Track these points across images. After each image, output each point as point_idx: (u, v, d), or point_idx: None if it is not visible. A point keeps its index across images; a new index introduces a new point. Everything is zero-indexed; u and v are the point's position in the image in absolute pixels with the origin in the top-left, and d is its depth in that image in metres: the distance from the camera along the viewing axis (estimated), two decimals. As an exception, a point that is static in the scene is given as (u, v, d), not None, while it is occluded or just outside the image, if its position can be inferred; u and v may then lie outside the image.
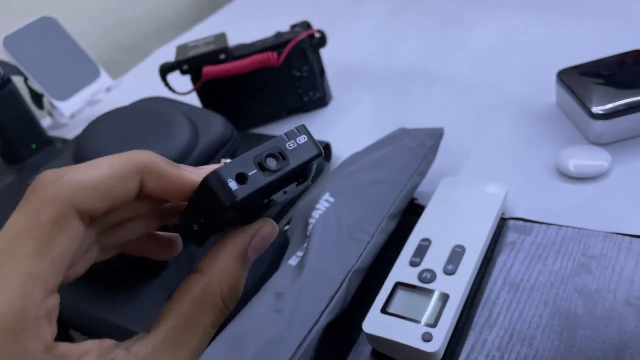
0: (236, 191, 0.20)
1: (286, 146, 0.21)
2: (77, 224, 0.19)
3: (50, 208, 0.18)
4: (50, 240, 0.18)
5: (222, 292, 0.21)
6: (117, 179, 0.20)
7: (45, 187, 0.19)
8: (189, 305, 0.20)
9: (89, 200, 0.19)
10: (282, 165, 0.21)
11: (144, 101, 0.52)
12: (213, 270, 0.21)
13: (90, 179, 0.19)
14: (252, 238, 0.22)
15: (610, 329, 0.34)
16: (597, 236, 0.40)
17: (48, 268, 0.18)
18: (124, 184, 0.20)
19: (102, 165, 0.20)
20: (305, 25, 0.62)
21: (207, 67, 0.58)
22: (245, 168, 0.20)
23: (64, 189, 0.19)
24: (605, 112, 0.46)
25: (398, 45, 0.74)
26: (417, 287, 0.37)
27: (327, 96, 0.65)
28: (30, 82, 0.73)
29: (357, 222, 0.41)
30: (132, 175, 0.20)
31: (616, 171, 0.45)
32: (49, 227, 0.18)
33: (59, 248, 0.18)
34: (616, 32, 0.62)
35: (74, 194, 0.19)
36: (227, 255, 0.21)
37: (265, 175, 0.20)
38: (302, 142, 0.22)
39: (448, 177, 0.46)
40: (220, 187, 0.20)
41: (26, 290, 0.17)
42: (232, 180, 0.20)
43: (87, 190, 0.19)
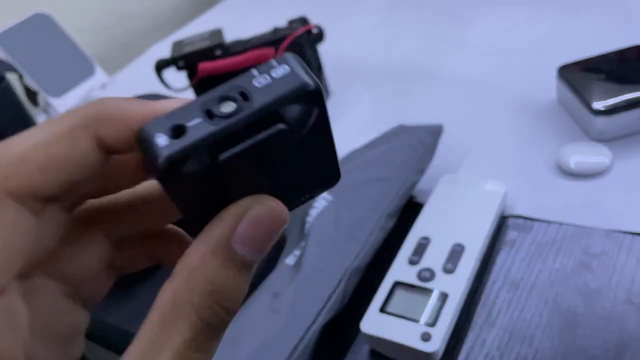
0: (163, 148, 0.14)
1: (253, 83, 0.15)
2: (14, 211, 0.15)
3: None
4: None
5: (194, 301, 0.15)
6: (55, 142, 0.15)
7: None
8: (157, 323, 0.15)
9: (24, 178, 0.15)
10: (241, 107, 0.15)
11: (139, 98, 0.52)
12: (182, 273, 0.16)
13: (24, 150, 0.15)
14: (236, 223, 0.16)
15: (611, 328, 0.34)
16: (597, 234, 0.40)
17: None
18: (71, 146, 0.15)
19: (38, 130, 0.15)
20: (302, 21, 0.61)
21: (203, 64, 0.57)
22: (186, 118, 0.15)
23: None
24: (606, 108, 0.45)
25: (397, 42, 0.74)
26: (416, 286, 0.37)
27: (325, 93, 0.64)
28: (25, 79, 0.72)
29: (355, 221, 0.41)
30: (79, 132, 0.15)
31: (617, 168, 0.44)
32: None
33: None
34: (617, 28, 0.62)
35: (3, 173, 0.15)
36: (199, 250, 0.16)
37: (212, 124, 0.15)
38: (281, 75, 0.15)
39: (447, 174, 0.46)
40: (148, 145, 0.15)
41: None
42: (162, 134, 0.15)
43: (18, 165, 0.15)
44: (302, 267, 0.38)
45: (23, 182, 0.15)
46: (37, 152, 0.15)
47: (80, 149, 0.15)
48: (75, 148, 0.15)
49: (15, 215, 0.15)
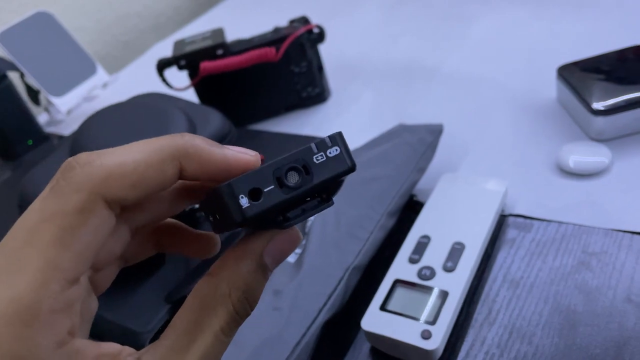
0: (246, 209, 0.18)
1: (313, 159, 0.19)
2: (106, 213, 0.18)
3: (76, 195, 0.17)
4: (75, 229, 0.17)
5: (231, 294, 0.19)
6: (152, 165, 0.18)
7: (75, 171, 0.18)
8: (197, 308, 0.19)
9: (119, 189, 0.18)
10: (304, 181, 0.19)
11: (140, 97, 0.52)
12: (222, 272, 0.20)
13: (120, 165, 0.18)
14: (268, 241, 0.20)
15: (611, 326, 0.34)
16: (597, 233, 0.40)
17: (69, 259, 0.17)
18: (160, 171, 0.19)
19: (136, 150, 0.19)
20: (303, 21, 0.61)
21: (205, 63, 0.57)
22: (261, 182, 0.18)
23: (94, 175, 0.18)
24: (606, 108, 0.46)
25: (397, 40, 0.74)
26: (416, 285, 0.37)
27: (325, 92, 0.65)
28: (26, 78, 0.72)
29: (355, 219, 0.41)
30: (168, 162, 0.19)
31: (617, 167, 0.45)
32: (74, 215, 0.17)
33: (84, 238, 0.17)
34: (617, 28, 0.62)
35: (105, 182, 0.18)
36: (239, 257, 0.20)
37: (282, 193, 0.19)
38: (333, 154, 0.19)
39: (447, 173, 0.46)
40: (231, 202, 0.18)
41: (43, 281, 0.16)
42: (244, 196, 0.18)
43: (117, 178, 0.18)
44: (303, 265, 0.38)
45: (117, 193, 0.18)
46: (135, 171, 0.18)
47: (167, 175, 0.19)
48: (164, 174, 0.19)
49: (105, 217, 0.18)
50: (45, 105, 0.76)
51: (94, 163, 0.18)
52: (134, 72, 0.87)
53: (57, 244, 0.17)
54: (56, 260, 0.17)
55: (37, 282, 0.16)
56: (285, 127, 0.62)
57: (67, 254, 0.17)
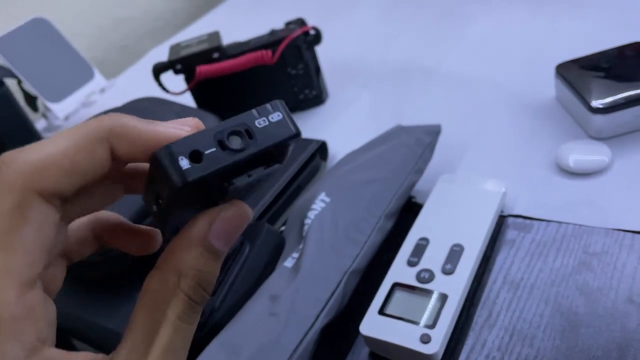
0: (187, 171, 0.17)
1: (255, 123, 0.19)
2: (45, 207, 0.17)
3: (9, 195, 0.17)
4: (15, 230, 0.17)
5: (181, 284, 0.19)
6: (80, 150, 0.18)
7: (1, 172, 0.17)
8: (150, 305, 0.19)
9: (53, 180, 0.17)
10: (248, 145, 0.18)
11: (136, 102, 0.52)
12: (167, 264, 0.19)
13: (49, 155, 0.17)
14: (211, 223, 0.19)
15: (613, 328, 0.33)
16: (598, 233, 0.39)
17: (19, 261, 0.16)
18: (90, 155, 0.18)
19: (62, 138, 0.18)
20: (299, 23, 0.61)
21: (201, 67, 0.57)
22: (202, 145, 0.18)
23: (22, 170, 0.17)
24: (605, 106, 0.45)
25: (395, 41, 0.74)
26: (415, 288, 0.37)
27: (323, 94, 0.64)
28: (23, 84, 0.72)
29: (353, 222, 0.40)
30: (97, 144, 0.18)
31: (617, 166, 0.44)
32: (12, 216, 0.17)
33: (29, 237, 0.17)
34: (615, 25, 0.62)
35: (35, 175, 0.17)
36: (183, 244, 0.19)
37: (225, 155, 0.18)
38: (275, 119, 0.19)
39: (446, 174, 0.45)
40: (170, 165, 0.17)
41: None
42: (184, 158, 0.17)
43: (48, 169, 0.17)
44: (300, 270, 0.38)
45: (52, 184, 0.17)
46: (65, 158, 0.17)
47: (99, 158, 0.18)
48: (95, 157, 0.18)
49: (45, 212, 0.17)
50: (43, 111, 0.76)
51: (19, 159, 0.17)
52: (132, 76, 0.87)
53: (1, 249, 0.16)
54: (6, 266, 0.16)
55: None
56: (283, 130, 0.61)
57: (15, 256, 0.16)
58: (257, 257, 0.41)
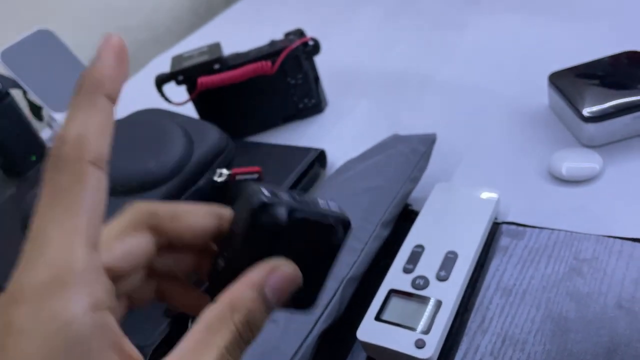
0: (266, 197, 0.22)
1: (318, 200, 0.24)
2: (96, 173, 0.19)
3: (68, 170, 0.19)
4: (77, 197, 0.18)
5: (233, 317, 0.21)
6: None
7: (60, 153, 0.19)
8: (203, 330, 0.20)
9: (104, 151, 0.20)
10: (312, 206, 0.23)
11: (139, 114, 0.53)
12: (226, 299, 0.21)
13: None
14: (268, 273, 0.22)
15: (602, 332, 0.34)
16: (588, 239, 0.40)
17: (84, 222, 0.18)
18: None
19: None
20: (299, 33, 0.62)
21: (202, 78, 0.58)
22: (278, 191, 0.22)
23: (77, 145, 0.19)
24: (597, 114, 0.46)
25: (391, 50, 0.75)
26: (410, 294, 0.38)
27: (322, 103, 0.66)
28: (28, 95, 0.74)
29: (350, 230, 0.41)
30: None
31: (608, 173, 0.45)
32: (72, 186, 0.18)
33: (87, 202, 0.18)
34: (608, 33, 0.63)
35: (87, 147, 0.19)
36: (240, 284, 0.22)
37: (295, 203, 0.22)
38: (333, 206, 0.24)
39: (441, 182, 0.47)
40: (251, 195, 0.22)
41: (67, 247, 0.18)
42: (266, 191, 0.22)
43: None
44: (299, 277, 0.39)
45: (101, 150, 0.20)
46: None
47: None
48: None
49: (100, 178, 0.19)
50: (47, 121, 0.78)
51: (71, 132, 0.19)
52: (134, 85, 0.88)
53: (68, 212, 0.18)
54: (74, 226, 0.18)
55: (63, 248, 0.18)
56: (283, 139, 0.63)
57: (80, 218, 0.18)
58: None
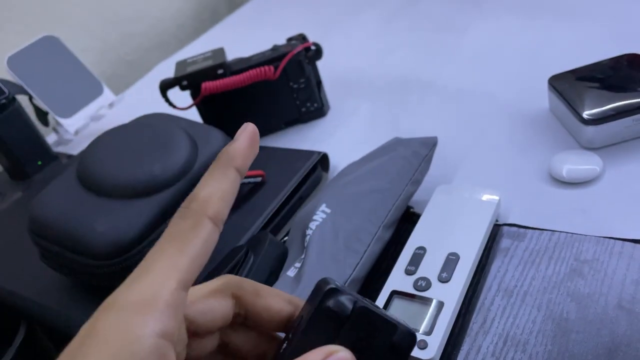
0: (337, 285, 0.24)
1: (385, 310, 0.27)
2: (210, 227, 0.22)
3: (190, 219, 0.22)
4: (188, 241, 0.21)
5: None
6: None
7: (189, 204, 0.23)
8: None
9: (223, 212, 0.23)
10: (378, 308, 0.25)
11: (144, 118, 0.54)
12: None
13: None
14: (327, 356, 0.23)
15: (603, 333, 0.35)
16: (589, 241, 0.41)
17: (185, 263, 0.21)
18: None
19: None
20: (301, 38, 0.63)
21: (206, 83, 0.59)
22: (350, 290, 0.25)
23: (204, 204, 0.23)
24: (596, 117, 0.47)
25: (393, 54, 0.75)
26: (412, 296, 0.38)
27: (324, 107, 0.66)
28: (35, 100, 0.74)
29: (353, 232, 0.42)
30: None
31: (608, 175, 0.46)
32: (188, 231, 0.22)
33: (195, 248, 0.21)
34: (608, 36, 0.63)
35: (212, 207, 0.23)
36: None
37: (362, 299, 0.24)
38: (400, 319, 0.26)
39: (442, 185, 0.47)
40: (326, 281, 0.24)
41: (163, 279, 0.20)
42: (338, 282, 0.24)
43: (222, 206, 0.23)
44: (302, 279, 0.39)
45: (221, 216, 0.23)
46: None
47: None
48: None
49: (210, 228, 0.22)
50: (53, 126, 0.79)
51: None
52: (139, 91, 0.89)
53: (177, 252, 0.21)
54: (176, 264, 0.21)
55: (159, 279, 0.20)
56: (286, 142, 0.63)
57: (184, 260, 0.21)
58: (261, 266, 0.43)
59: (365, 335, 0.24)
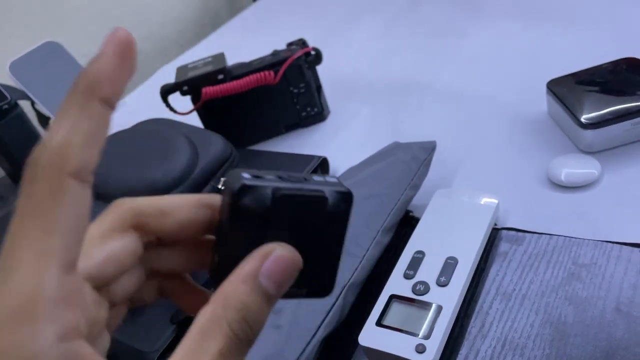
0: (245, 179, 0.20)
1: (313, 177, 0.22)
2: (76, 187, 0.17)
3: (45, 181, 0.17)
4: (51, 215, 0.16)
5: (227, 317, 0.19)
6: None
7: (38, 159, 0.17)
8: (196, 335, 0.19)
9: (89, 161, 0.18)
10: (301, 183, 0.21)
11: (144, 124, 0.54)
12: (218, 298, 0.19)
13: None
14: (263, 259, 0.20)
15: (600, 336, 0.35)
16: (587, 245, 0.41)
17: (58, 243, 0.16)
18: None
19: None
20: (301, 44, 0.64)
21: (207, 88, 0.60)
22: (264, 174, 0.21)
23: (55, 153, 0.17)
24: (594, 121, 0.47)
25: (392, 58, 0.76)
26: (411, 300, 0.38)
27: (324, 111, 0.66)
28: (37, 105, 0.75)
29: (352, 237, 0.42)
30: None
31: (606, 179, 0.46)
32: (47, 201, 0.16)
33: (64, 222, 0.16)
34: (606, 41, 0.63)
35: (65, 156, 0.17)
36: (232, 278, 0.20)
37: (282, 182, 0.21)
38: (331, 180, 0.22)
39: (441, 189, 0.47)
40: (233, 181, 0.20)
41: (37, 270, 0.16)
42: (247, 174, 0.20)
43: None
44: (302, 283, 0.39)
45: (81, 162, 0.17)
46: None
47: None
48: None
49: (80, 194, 0.17)
50: (55, 131, 0.79)
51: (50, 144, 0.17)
52: (140, 96, 0.90)
53: (41, 230, 0.16)
54: (45, 247, 0.16)
55: (33, 273, 0.16)
56: (286, 147, 0.64)
57: (54, 238, 0.16)
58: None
59: (296, 220, 0.21)
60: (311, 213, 0.22)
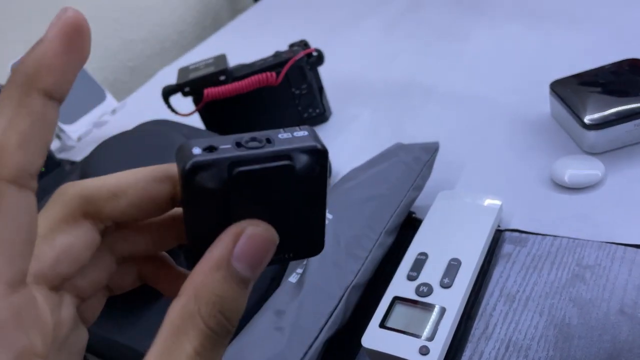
0: (195, 156, 0.17)
1: (278, 135, 0.19)
2: (15, 195, 0.15)
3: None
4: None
5: (200, 310, 0.17)
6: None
7: None
8: (168, 334, 0.17)
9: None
10: (263, 146, 0.18)
11: (146, 125, 0.54)
12: (188, 289, 0.17)
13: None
14: (234, 242, 0.18)
15: (604, 338, 0.35)
16: (591, 246, 0.41)
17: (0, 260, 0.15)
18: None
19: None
20: (303, 45, 0.63)
21: (208, 89, 0.59)
22: (220, 143, 0.18)
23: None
24: (598, 122, 0.47)
25: (395, 60, 0.76)
26: (414, 301, 0.38)
27: (326, 112, 0.66)
28: (38, 107, 0.75)
29: (354, 238, 0.42)
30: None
31: (610, 180, 0.46)
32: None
33: (4, 231, 0.15)
34: (609, 41, 0.63)
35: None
36: (201, 266, 0.18)
37: (237, 150, 0.18)
38: (300, 135, 0.19)
39: (444, 190, 0.47)
40: (184, 155, 0.18)
41: None
42: (198, 148, 0.18)
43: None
44: (304, 285, 0.39)
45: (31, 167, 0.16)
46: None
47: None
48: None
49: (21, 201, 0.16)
50: (57, 133, 0.79)
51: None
52: (142, 97, 0.90)
53: None
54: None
55: None
56: (288, 148, 0.63)
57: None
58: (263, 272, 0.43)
59: (262, 190, 0.19)
60: (279, 181, 0.19)
